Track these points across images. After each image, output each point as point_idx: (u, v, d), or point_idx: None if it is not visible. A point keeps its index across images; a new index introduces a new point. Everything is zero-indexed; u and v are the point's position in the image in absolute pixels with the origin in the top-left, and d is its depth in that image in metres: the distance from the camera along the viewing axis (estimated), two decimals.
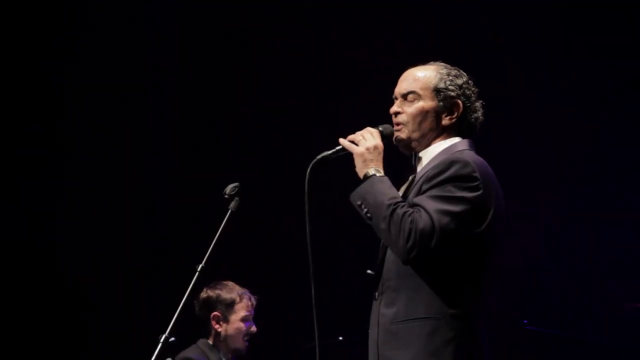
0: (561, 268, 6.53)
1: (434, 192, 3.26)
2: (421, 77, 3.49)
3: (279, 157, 6.76)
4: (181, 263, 4.45)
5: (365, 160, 3.40)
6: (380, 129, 3.48)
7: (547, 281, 6.50)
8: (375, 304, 3.42)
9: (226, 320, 5.18)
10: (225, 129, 6.89)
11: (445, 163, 3.30)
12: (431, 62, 3.56)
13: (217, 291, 5.23)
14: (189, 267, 3.79)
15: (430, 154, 3.45)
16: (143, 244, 6.70)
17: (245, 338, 5.23)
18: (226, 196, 3.83)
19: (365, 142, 3.43)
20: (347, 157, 3.46)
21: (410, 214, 3.22)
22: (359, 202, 3.34)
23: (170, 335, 3.63)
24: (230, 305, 5.20)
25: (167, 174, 6.82)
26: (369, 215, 3.31)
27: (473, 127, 3.50)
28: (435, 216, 3.20)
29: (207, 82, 6.87)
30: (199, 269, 3.75)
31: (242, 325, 5.20)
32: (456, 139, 3.47)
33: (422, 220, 3.20)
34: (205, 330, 5.22)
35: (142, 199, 6.76)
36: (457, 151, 3.39)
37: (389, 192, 3.31)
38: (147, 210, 6.75)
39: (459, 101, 3.47)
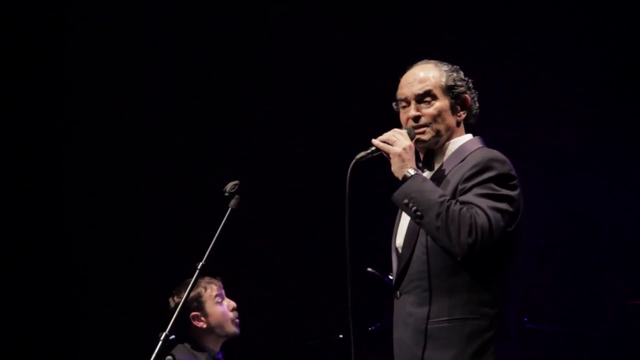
0: (561, 266, 6.53)
1: (478, 190, 3.30)
2: (430, 77, 3.52)
3: (280, 155, 6.75)
4: (181, 261, 4.44)
5: (403, 160, 3.40)
6: (406, 130, 3.49)
7: (547, 279, 6.50)
8: (398, 302, 3.41)
9: (205, 313, 5.15)
10: (225, 127, 6.88)
11: (483, 162, 3.34)
12: (424, 60, 3.58)
13: (182, 294, 5.19)
14: (189, 265, 3.79)
15: (446, 151, 3.51)
16: (143, 242, 6.69)
17: (234, 317, 5.17)
18: (226, 194, 3.83)
19: (400, 143, 3.43)
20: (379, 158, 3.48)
21: (468, 210, 3.24)
22: (405, 201, 3.34)
23: (170, 333, 3.62)
24: (198, 299, 5.15)
25: (167, 172, 6.81)
26: (419, 213, 3.30)
27: (476, 117, 3.58)
28: (490, 213, 3.24)
29: (207, 81, 6.86)
30: (199, 267, 3.75)
31: (220, 308, 5.15)
32: (468, 136, 3.53)
33: (480, 217, 3.23)
34: (189, 331, 5.17)
35: (142, 198, 6.75)
36: (480, 147, 3.45)
37: (436, 189, 3.34)
38: (147, 209, 6.74)
39: (467, 95, 3.54)
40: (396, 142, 3.43)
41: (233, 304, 5.18)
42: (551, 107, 6.47)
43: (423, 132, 3.49)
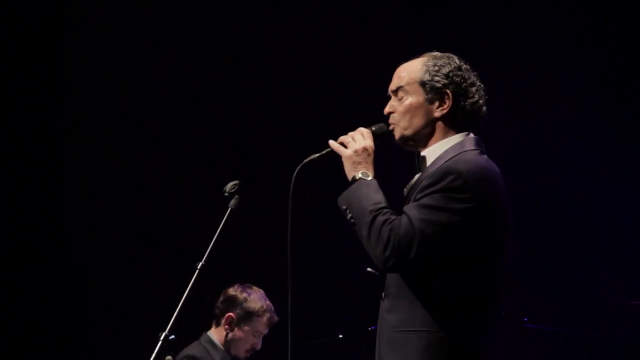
0: (561, 266, 6.53)
1: (422, 200, 3.13)
2: (407, 72, 3.37)
3: (280, 155, 6.75)
4: (181, 261, 4.44)
5: (353, 163, 3.29)
6: (374, 128, 3.37)
7: (547, 278, 6.50)
8: (381, 304, 3.31)
9: (239, 326, 5.17)
10: (225, 127, 6.88)
11: (439, 174, 3.15)
12: (425, 54, 3.44)
13: (245, 295, 5.22)
14: (189, 265, 3.78)
15: (433, 153, 3.30)
16: (143, 242, 6.69)
17: (249, 350, 5.20)
18: (226, 194, 3.82)
19: (354, 144, 3.31)
20: (337, 158, 3.37)
21: (390, 222, 3.09)
22: (344, 207, 3.24)
23: (170, 333, 3.62)
24: (250, 314, 5.18)
25: (167, 172, 6.81)
26: (352, 220, 3.20)
27: (471, 113, 3.33)
28: (417, 225, 3.07)
29: (207, 81, 6.86)
30: (198, 267, 3.74)
31: (250, 338, 5.18)
32: (457, 137, 3.32)
33: (403, 229, 3.07)
34: (217, 322, 5.21)
35: (142, 198, 6.75)
36: (462, 152, 3.24)
37: (373, 197, 3.19)
38: (147, 209, 6.74)
39: (448, 90, 3.31)
40: (350, 143, 3.32)
41: (258, 347, 5.20)
42: (551, 107, 6.47)
43: (393, 129, 3.37)
